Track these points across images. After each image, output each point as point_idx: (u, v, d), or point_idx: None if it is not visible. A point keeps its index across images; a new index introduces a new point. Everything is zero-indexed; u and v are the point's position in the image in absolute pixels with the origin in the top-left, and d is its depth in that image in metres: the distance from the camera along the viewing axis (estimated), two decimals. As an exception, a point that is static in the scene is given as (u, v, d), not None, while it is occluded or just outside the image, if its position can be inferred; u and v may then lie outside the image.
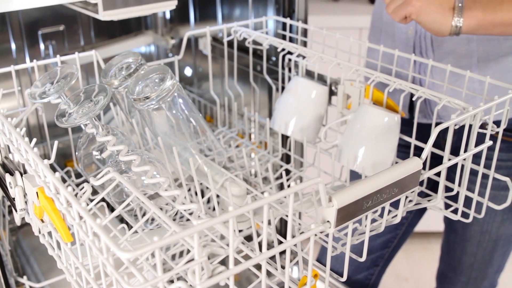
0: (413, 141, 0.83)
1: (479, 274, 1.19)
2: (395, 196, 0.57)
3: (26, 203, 0.65)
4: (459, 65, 1.00)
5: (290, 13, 1.03)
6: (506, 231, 1.13)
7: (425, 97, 0.76)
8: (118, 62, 0.81)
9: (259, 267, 0.51)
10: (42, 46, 1.16)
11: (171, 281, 0.61)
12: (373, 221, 0.76)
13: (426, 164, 0.80)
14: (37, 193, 0.59)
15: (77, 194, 0.69)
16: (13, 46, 1.13)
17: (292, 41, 1.03)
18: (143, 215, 0.75)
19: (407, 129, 0.88)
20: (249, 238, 1.13)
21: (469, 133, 0.69)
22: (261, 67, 1.06)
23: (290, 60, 1.00)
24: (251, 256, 0.53)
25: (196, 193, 0.85)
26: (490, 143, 0.70)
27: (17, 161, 0.65)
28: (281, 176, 0.95)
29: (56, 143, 0.68)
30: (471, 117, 0.66)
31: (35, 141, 0.66)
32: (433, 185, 0.87)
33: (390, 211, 0.70)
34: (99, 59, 0.89)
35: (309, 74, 0.97)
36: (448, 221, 1.23)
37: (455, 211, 0.75)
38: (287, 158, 1.08)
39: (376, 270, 1.30)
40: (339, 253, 0.76)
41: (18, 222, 0.67)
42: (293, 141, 0.94)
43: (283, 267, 0.61)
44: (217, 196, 0.81)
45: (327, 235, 0.75)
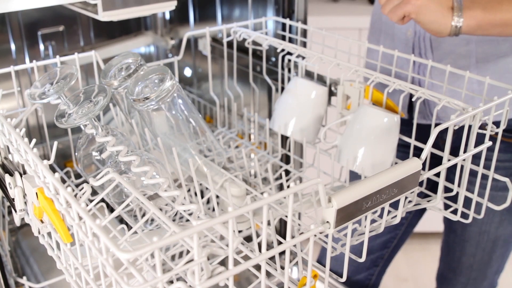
0: (412, 141, 0.83)
1: (478, 274, 1.19)
2: (395, 196, 0.57)
3: (25, 203, 0.65)
4: (458, 65, 1.00)
5: (290, 13, 1.03)
6: (504, 231, 1.13)
7: (424, 97, 0.76)
8: (118, 63, 0.81)
9: (258, 267, 0.51)
10: (41, 46, 1.16)
11: (171, 282, 0.61)
12: (373, 221, 0.76)
13: (425, 165, 0.80)
14: (36, 193, 0.59)
15: (76, 194, 0.69)
16: (12, 46, 1.13)
17: (292, 41, 1.03)
18: (143, 215, 0.75)
19: (407, 129, 0.88)
20: (248, 239, 1.13)
21: (468, 133, 0.69)
22: (260, 68, 1.06)
23: (289, 60, 1.00)
24: (250, 256, 0.53)
25: (195, 194, 0.85)
26: (490, 143, 0.70)
27: (17, 161, 0.65)
28: (280, 177, 0.95)
29: (55, 143, 0.68)
30: (470, 117, 0.66)
31: (34, 141, 0.66)
32: (432, 186, 0.87)
33: (389, 212, 0.70)
34: (99, 60, 0.89)
35: (309, 75, 0.97)
36: (447, 222, 1.23)
37: (454, 212, 0.75)
38: (286, 159, 1.08)
39: (375, 271, 1.30)
40: (338, 254, 0.76)
41: (17, 222, 0.67)
42: (292, 142, 0.94)
43: (282, 268, 0.61)
44: (216, 196, 0.81)
45: (326, 235, 0.75)
